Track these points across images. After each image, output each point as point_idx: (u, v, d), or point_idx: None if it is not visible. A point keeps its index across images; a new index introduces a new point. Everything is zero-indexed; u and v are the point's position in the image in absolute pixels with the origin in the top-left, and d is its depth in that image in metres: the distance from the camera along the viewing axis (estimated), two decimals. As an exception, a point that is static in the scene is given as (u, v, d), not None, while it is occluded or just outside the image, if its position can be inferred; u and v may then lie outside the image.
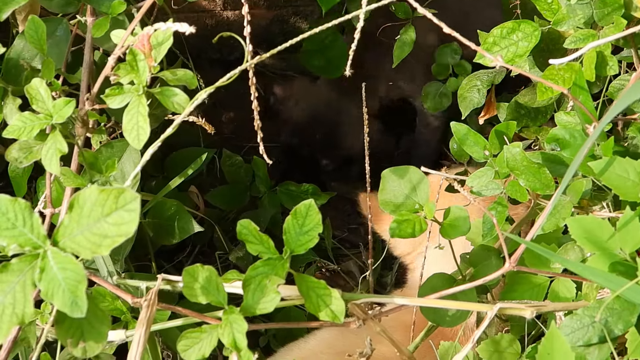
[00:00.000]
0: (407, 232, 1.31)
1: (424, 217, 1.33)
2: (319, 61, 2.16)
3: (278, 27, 2.45)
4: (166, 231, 1.76)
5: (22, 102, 1.31)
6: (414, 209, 1.34)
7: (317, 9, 2.43)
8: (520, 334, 1.59)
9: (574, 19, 1.33)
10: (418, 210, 1.34)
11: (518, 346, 1.51)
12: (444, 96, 2.09)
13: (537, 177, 1.31)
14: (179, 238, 1.78)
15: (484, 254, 1.43)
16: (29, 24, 1.29)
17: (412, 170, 1.36)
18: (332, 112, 2.43)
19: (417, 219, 1.32)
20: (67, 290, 0.92)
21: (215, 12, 2.38)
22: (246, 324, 1.07)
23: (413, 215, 1.32)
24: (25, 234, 0.95)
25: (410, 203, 1.35)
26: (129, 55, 1.12)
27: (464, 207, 1.33)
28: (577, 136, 1.28)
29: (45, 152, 1.16)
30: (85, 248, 0.94)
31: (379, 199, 1.38)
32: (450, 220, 1.35)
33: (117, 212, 0.93)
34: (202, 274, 1.09)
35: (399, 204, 1.36)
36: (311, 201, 1.14)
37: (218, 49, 2.48)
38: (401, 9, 1.93)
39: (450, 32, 1.11)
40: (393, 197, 1.36)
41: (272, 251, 1.13)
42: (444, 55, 2.10)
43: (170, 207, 1.76)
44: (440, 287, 1.35)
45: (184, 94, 1.15)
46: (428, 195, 1.35)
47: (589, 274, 1.13)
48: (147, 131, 1.11)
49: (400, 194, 1.36)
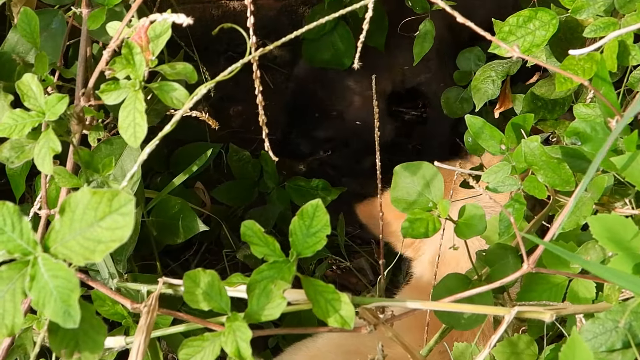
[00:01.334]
0: (420, 232, 1.26)
1: (438, 215, 1.27)
2: (324, 53, 2.10)
3: (287, 18, 2.41)
4: (170, 230, 1.71)
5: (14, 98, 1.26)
6: (427, 207, 1.29)
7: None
8: (538, 334, 1.54)
9: (594, 7, 1.27)
10: (431, 208, 1.28)
11: (535, 348, 1.46)
12: (464, 101, 2.05)
13: (556, 172, 1.25)
14: (184, 237, 1.73)
15: (501, 252, 1.37)
16: (21, 16, 1.24)
17: (425, 166, 1.30)
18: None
19: (430, 217, 1.27)
20: (58, 300, 0.88)
21: (221, 3, 2.34)
22: (250, 331, 1.02)
23: (426, 213, 1.27)
24: (14, 239, 0.91)
25: (424, 201, 1.29)
26: (125, 49, 1.07)
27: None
28: (598, 129, 1.22)
29: (38, 152, 1.11)
30: (77, 254, 0.89)
31: (390, 197, 1.32)
32: (465, 219, 1.29)
33: (110, 215, 0.88)
34: (204, 279, 1.04)
35: (412, 202, 1.31)
36: (318, 201, 1.08)
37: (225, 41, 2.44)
38: (419, 4, 1.86)
39: (465, 21, 1.06)
40: (406, 195, 1.31)
41: (278, 253, 1.08)
42: (466, 60, 2.05)
43: (174, 205, 1.71)
44: (455, 288, 1.30)
45: (183, 88, 1.09)
46: (442, 193, 1.29)
47: (612, 276, 1.08)
48: (144, 128, 1.05)
49: (413, 191, 1.31)
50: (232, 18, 2.37)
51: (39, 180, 1.51)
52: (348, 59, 2.11)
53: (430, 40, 1.83)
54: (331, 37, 2.07)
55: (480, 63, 2.03)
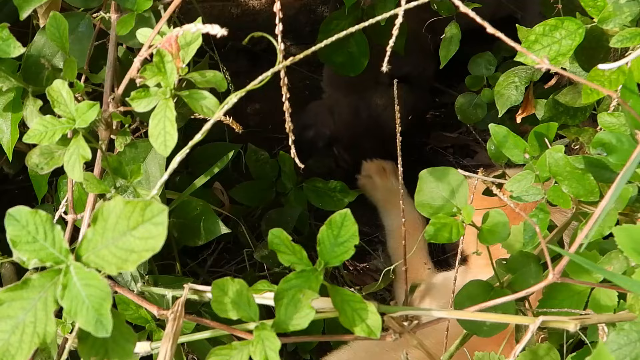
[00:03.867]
0: (445, 237, 1.26)
1: (462, 221, 1.28)
2: (339, 57, 2.10)
3: (305, 17, 2.41)
4: (192, 232, 1.71)
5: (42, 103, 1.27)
6: (451, 212, 1.29)
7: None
8: (558, 342, 1.54)
9: (621, 17, 1.27)
10: (456, 213, 1.28)
11: (557, 355, 1.46)
12: (478, 107, 2.05)
13: (580, 183, 1.25)
14: (205, 239, 1.73)
15: (523, 260, 1.37)
16: (50, 20, 1.24)
17: (451, 172, 1.31)
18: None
19: (454, 222, 1.27)
20: (91, 309, 0.88)
21: (240, 1, 2.34)
22: (279, 341, 1.02)
23: (450, 218, 1.27)
24: (46, 248, 0.91)
25: (449, 206, 1.29)
26: (156, 57, 1.07)
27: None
28: (624, 141, 1.22)
29: (68, 159, 1.11)
30: (110, 263, 0.89)
31: (415, 200, 1.33)
32: (489, 225, 1.29)
33: (143, 225, 0.88)
34: (232, 287, 1.04)
35: (438, 207, 1.31)
36: (347, 211, 1.09)
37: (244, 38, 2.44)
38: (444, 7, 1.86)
39: (495, 32, 1.06)
40: (431, 200, 1.32)
41: (305, 262, 1.08)
42: (477, 66, 2.05)
43: (195, 207, 1.70)
44: (477, 296, 1.30)
45: (213, 97, 1.10)
46: (467, 199, 1.30)
47: (637, 288, 1.08)
48: (174, 137, 1.06)
49: (439, 197, 1.31)
50: (252, 16, 2.38)
51: (61, 180, 1.52)
52: (361, 64, 2.11)
53: (456, 43, 1.83)
54: (347, 42, 2.07)
55: (491, 67, 2.03)
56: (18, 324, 0.90)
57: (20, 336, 0.90)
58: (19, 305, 0.90)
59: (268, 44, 2.53)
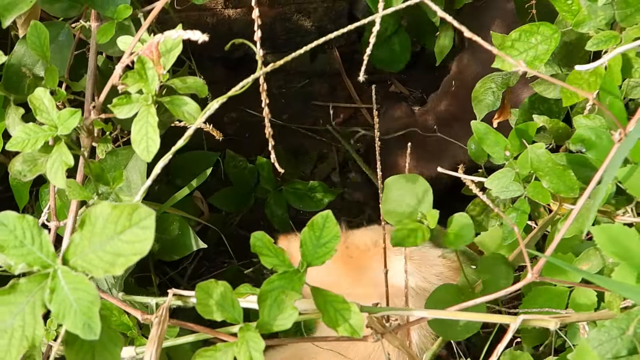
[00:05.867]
0: (410, 242, 1.28)
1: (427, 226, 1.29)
2: (382, 53, 2.14)
3: (281, 25, 2.42)
4: (168, 246, 1.72)
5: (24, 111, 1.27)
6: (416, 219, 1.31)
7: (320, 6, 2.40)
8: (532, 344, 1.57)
9: (595, 20, 1.29)
10: (421, 219, 1.30)
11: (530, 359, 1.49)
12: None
13: (561, 179, 1.28)
14: (180, 255, 1.74)
15: (493, 262, 1.40)
16: (31, 29, 1.25)
17: (416, 179, 1.33)
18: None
19: (420, 227, 1.29)
20: (79, 312, 0.88)
21: (216, 11, 2.35)
22: (263, 341, 1.03)
23: (417, 224, 1.29)
24: (34, 252, 0.92)
25: (415, 214, 1.31)
26: (138, 64, 1.08)
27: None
28: (603, 137, 1.25)
29: (51, 166, 1.11)
30: (97, 267, 0.89)
31: (382, 209, 1.34)
32: (454, 229, 1.31)
33: (131, 229, 0.89)
34: (216, 290, 1.05)
35: (404, 214, 1.33)
36: (328, 212, 1.10)
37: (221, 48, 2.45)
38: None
39: (472, 36, 1.07)
40: (397, 207, 1.34)
41: (287, 264, 1.09)
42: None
43: (172, 222, 1.71)
44: (446, 299, 1.32)
45: (194, 103, 1.11)
46: (432, 205, 1.31)
47: (616, 287, 1.10)
48: (157, 142, 1.07)
49: (405, 204, 1.33)
50: (227, 25, 2.38)
51: (42, 189, 1.52)
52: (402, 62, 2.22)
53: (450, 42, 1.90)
54: (390, 40, 2.13)
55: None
56: (6, 328, 0.90)
57: (9, 340, 0.90)
58: (7, 310, 0.90)
59: (245, 53, 2.54)
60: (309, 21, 2.45)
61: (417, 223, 1.30)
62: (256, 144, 2.40)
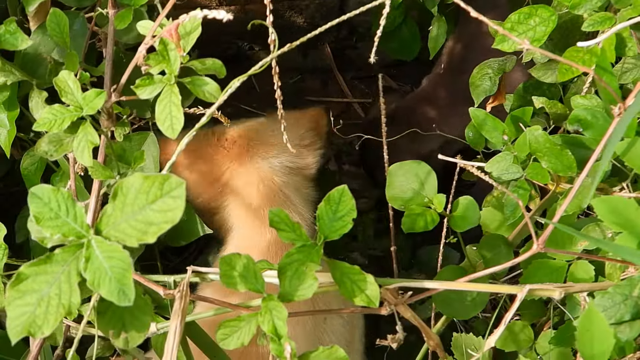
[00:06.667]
0: (421, 226, 1.33)
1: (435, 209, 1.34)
2: (393, 43, 2.19)
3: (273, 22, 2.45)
4: (174, 232, 1.74)
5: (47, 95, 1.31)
6: (422, 203, 1.36)
7: (312, 3, 2.44)
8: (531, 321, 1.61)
9: (591, 2, 1.34)
10: (428, 204, 1.35)
11: (531, 332, 1.53)
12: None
13: (559, 159, 1.32)
14: (187, 240, 1.77)
15: (493, 242, 1.45)
16: (50, 17, 1.28)
17: (418, 165, 1.38)
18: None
19: (428, 212, 1.34)
20: (114, 279, 0.92)
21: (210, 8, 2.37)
22: (286, 310, 1.06)
23: (424, 209, 1.34)
24: (68, 223, 0.95)
25: (419, 198, 1.36)
26: (160, 45, 1.12)
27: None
28: (599, 117, 1.29)
29: (77, 145, 1.15)
30: (130, 236, 0.93)
31: (386, 195, 1.39)
32: (459, 211, 1.36)
33: (162, 199, 0.93)
34: (239, 262, 1.09)
35: (408, 199, 1.38)
36: (344, 187, 1.14)
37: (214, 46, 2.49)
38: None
39: (478, 15, 1.12)
40: (401, 193, 1.39)
41: (305, 238, 1.13)
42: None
43: (178, 209, 1.74)
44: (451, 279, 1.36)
45: (215, 83, 1.15)
46: (436, 189, 1.36)
47: (621, 252, 1.15)
48: (181, 120, 1.11)
49: (408, 189, 1.38)
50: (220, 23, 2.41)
51: (54, 178, 1.56)
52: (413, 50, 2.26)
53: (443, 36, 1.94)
54: (400, 30, 2.18)
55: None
56: (43, 297, 0.93)
57: (46, 308, 0.93)
58: (44, 279, 0.94)
59: (238, 50, 2.58)
60: (301, 18, 2.49)
61: (423, 208, 1.35)
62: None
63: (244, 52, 2.60)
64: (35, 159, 1.58)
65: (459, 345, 1.57)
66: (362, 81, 2.73)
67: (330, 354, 1.12)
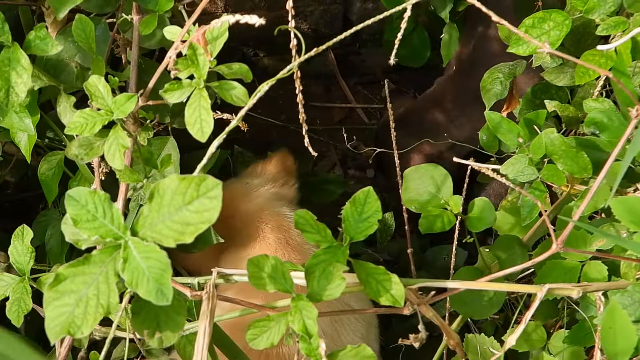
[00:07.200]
0: (439, 227, 1.35)
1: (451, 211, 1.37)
2: (403, 50, 2.21)
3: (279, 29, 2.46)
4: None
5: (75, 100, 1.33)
6: (439, 205, 1.38)
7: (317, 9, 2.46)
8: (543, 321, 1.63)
9: (605, 7, 1.37)
10: (444, 205, 1.37)
11: (543, 332, 1.55)
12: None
13: (574, 160, 1.34)
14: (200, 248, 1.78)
15: (508, 243, 1.47)
16: (76, 23, 1.30)
17: (434, 168, 1.40)
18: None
19: (445, 213, 1.36)
20: (151, 279, 0.93)
21: (216, 15, 2.39)
22: (316, 310, 1.08)
23: (441, 210, 1.36)
24: (105, 225, 0.97)
25: (435, 200, 1.38)
26: (189, 50, 1.13)
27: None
28: (614, 119, 1.32)
29: (108, 148, 1.17)
30: (167, 237, 0.94)
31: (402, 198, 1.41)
32: (476, 212, 1.38)
33: (198, 199, 0.94)
34: (267, 263, 1.10)
35: (424, 202, 1.40)
36: (370, 188, 1.16)
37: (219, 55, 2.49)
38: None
39: (498, 19, 1.14)
40: (417, 196, 1.41)
41: (330, 239, 1.15)
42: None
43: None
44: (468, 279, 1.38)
45: (242, 87, 1.17)
46: (452, 191, 1.39)
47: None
48: (210, 124, 1.12)
49: (424, 192, 1.40)
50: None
51: (71, 183, 1.57)
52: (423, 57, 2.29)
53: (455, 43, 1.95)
54: (410, 37, 2.22)
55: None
56: (81, 297, 0.95)
57: (84, 308, 0.95)
58: (82, 280, 0.95)
59: (242, 56, 2.60)
60: (305, 24, 2.51)
61: (440, 209, 1.37)
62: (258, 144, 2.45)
63: (249, 59, 2.62)
64: (53, 164, 1.59)
65: (472, 345, 1.59)
66: (365, 87, 2.75)
67: (358, 352, 1.14)
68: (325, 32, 2.54)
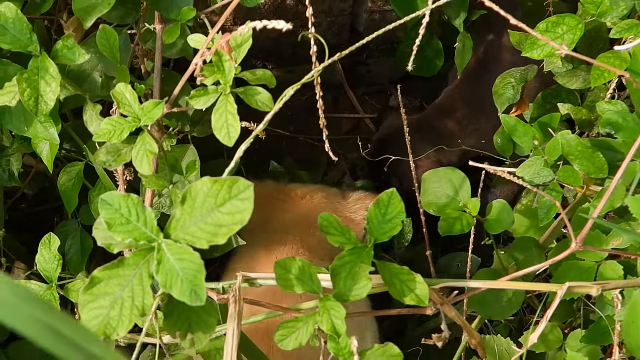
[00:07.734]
0: (458, 229, 1.38)
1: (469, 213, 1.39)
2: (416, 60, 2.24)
3: (287, 40, 2.49)
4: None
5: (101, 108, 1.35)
6: (457, 207, 1.40)
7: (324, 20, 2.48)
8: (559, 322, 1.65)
9: (617, 11, 1.39)
10: (462, 208, 1.40)
11: (559, 333, 1.57)
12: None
13: (591, 161, 1.37)
14: (222, 252, 1.80)
15: (525, 245, 1.49)
16: (100, 33, 1.32)
17: (452, 171, 1.42)
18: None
19: (464, 215, 1.38)
20: (185, 280, 0.94)
21: (225, 27, 2.41)
22: (344, 310, 1.10)
23: (459, 212, 1.39)
24: (139, 228, 0.98)
25: (454, 203, 1.41)
26: (215, 57, 1.15)
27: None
28: (629, 119, 1.34)
29: (136, 154, 1.18)
30: (200, 238, 0.96)
31: (421, 201, 1.43)
32: (494, 215, 1.40)
33: (230, 201, 0.95)
34: (294, 265, 1.12)
35: (443, 205, 1.42)
36: (393, 190, 1.17)
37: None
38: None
39: (517, 23, 1.17)
40: (435, 199, 1.43)
41: (354, 241, 1.16)
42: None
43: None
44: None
45: (267, 92, 1.19)
46: (470, 194, 1.41)
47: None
48: (237, 129, 1.14)
49: (443, 195, 1.42)
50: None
51: (91, 192, 1.59)
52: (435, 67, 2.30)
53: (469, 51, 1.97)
54: (423, 49, 2.24)
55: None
56: (117, 300, 0.97)
57: (119, 310, 0.97)
58: (116, 282, 0.97)
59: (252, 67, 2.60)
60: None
61: (458, 212, 1.39)
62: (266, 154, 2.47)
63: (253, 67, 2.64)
64: (72, 175, 1.61)
65: (490, 347, 1.61)
66: (373, 97, 2.76)
67: (385, 351, 1.16)
68: (333, 43, 2.56)
